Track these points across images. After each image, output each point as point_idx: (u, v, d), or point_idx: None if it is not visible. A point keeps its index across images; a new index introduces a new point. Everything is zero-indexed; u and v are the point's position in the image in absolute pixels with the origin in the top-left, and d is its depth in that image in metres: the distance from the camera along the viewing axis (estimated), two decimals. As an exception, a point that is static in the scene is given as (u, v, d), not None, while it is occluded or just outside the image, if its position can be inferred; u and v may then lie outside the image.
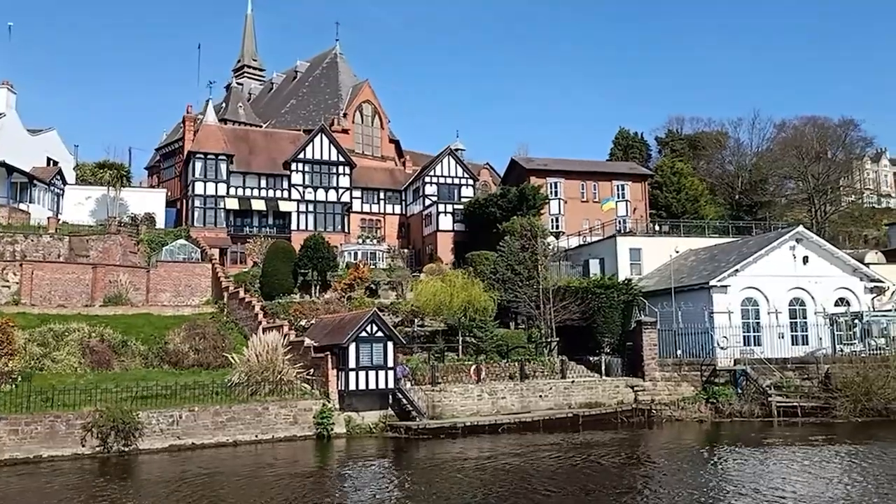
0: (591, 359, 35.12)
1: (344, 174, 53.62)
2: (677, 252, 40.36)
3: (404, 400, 28.42)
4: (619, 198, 57.96)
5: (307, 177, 52.52)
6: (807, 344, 35.94)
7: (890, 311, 35.64)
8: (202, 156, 50.21)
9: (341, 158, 53.46)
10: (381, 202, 57.46)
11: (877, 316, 34.88)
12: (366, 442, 26.71)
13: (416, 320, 38.63)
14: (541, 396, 31.69)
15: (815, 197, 63.46)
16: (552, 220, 56.36)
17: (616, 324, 35.69)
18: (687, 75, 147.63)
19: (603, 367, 33.93)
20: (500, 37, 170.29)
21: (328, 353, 28.13)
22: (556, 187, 57.00)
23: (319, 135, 53.00)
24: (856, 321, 34.17)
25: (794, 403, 31.18)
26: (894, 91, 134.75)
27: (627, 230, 51.96)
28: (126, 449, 23.54)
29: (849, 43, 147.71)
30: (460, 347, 35.24)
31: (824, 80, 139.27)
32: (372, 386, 27.84)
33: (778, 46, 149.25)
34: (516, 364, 33.05)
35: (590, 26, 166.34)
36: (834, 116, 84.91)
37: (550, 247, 46.39)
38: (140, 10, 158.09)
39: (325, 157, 53.00)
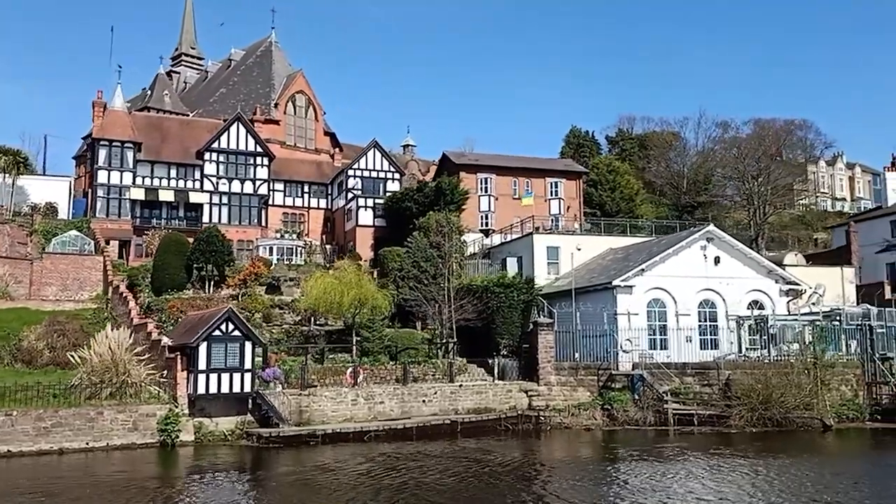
0: (490, 361, 33.23)
1: (262, 165, 51.27)
2: (579, 250, 38.68)
3: (265, 405, 26.23)
4: (552, 195, 56.34)
5: (221, 167, 50.11)
6: (717, 348, 34.27)
7: (797, 315, 33.97)
8: (107, 143, 47.59)
9: (259, 149, 51.12)
10: (306, 196, 55.22)
11: (785, 320, 33.18)
12: (215, 450, 24.43)
13: (312, 319, 36.53)
14: (424, 401, 29.66)
15: (754, 197, 62.09)
16: (482, 216, 54.54)
17: (515, 325, 33.82)
18: (640, 74, 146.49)
19: (496, 370, 32.06)
20: (458, 33, 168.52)
21: (179, 353, 25.86)
22: (486, 183, 55.10)
23: (236, 123, 50.62)
24: (761, 325, 32.46)
25: (691, 411, 29.47)
26: (856, 96, 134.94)
27: (553, 228, 50.41)
28: (-75, 458, 21.16)
29: (815, 49, 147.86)
30: (354, 348, 33.20)
31: (789, 84, 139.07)
32: (226, 389, 25.60)
33: (744, 49, 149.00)
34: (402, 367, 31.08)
35: (546, 21, 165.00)
36: (795, 119, 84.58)
37: (466, 244, 44.69)
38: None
39: (242, 147, 50.61)
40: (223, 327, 25.58)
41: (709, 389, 30.37)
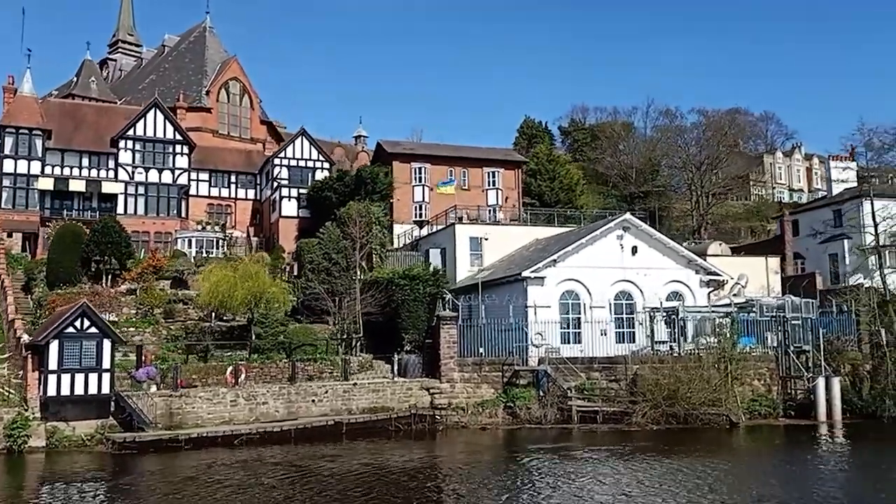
0: (394, 357, 31.61)
1: (182, 154, 49.05)
2: (486, 239, 37.12)
3: (128, 408, 24.34)
4: (490, 185, 54.71)
5: (138, 156, 47.81)
6: (633, 342, 32.88)
7: (709, 307, 32.65)
8: (13, 130, 45.12)
9: (178, 136, 48.89)
10: (233, 186, 53.14)
11: (698, 311, 31.80)
12: (70, 457, 22.52)
13: (214, 314, 34.61)
14: (314, 401, 27.86)
15: (695, 188, 61.02)
16: (416, 207, 52.71)
17: (421, 319, 32.26)
18: (597, 64, 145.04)
19: (396, 367, 30.41)
20: (411, 22, 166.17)
21: (32, 352, 23.89)
22: (421, 173, 53.20)
23: (153, 110, 48.34)
24: (672, 317, 31.06)
25: (595, 408, 28.05)
26: (820, 88, 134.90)
27: (488, 217, 48.92)
28: None
29: (781, 41, 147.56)
30: (250, 345, 31.42)
31: (760, 75, 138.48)
32: (81, 391, 23.69)
33: (708, 38, 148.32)
34: (299, 364, 29.35)
35: (501, 9, 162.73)
36: (757, 110, 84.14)
37: (387, 235, 43.11)
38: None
39: (160, 135, 48.35)
40: (77, 324, 23.63)
41: (616, 385, 28.96)
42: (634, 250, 33.71)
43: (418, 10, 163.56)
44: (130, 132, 47.57)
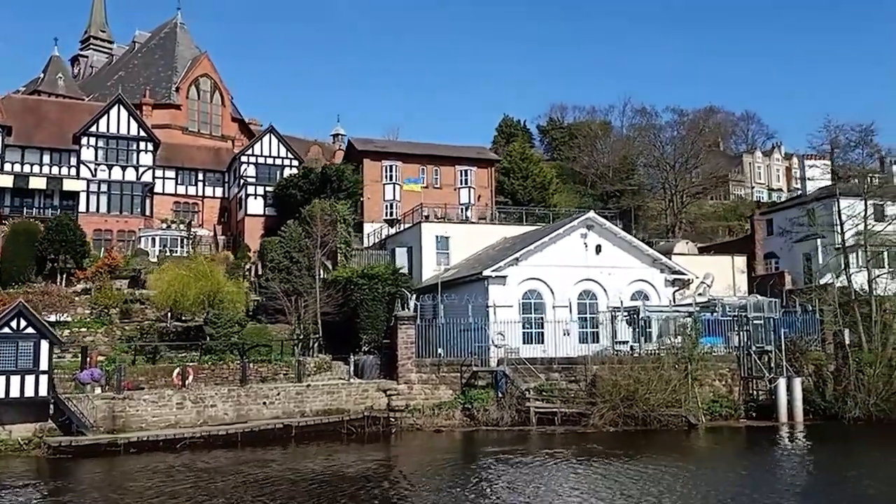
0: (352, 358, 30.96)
1: (146, 151, 48.18)
2: (447, 237, 36.58)
3: (67, 411, 23.56)
4: (462, 184, 54.12)
5: (101, 153, 46.90)
6: (597, 342, 32.36)
7: (671, 306, 32.24)
8: (-30, 126, 44.20)
9: (143, 133, 48.02)
10: (201, 184, 52.32)
11: (660, 311, 31.37)
12: (3, 462, 21.75)
13: (170, 314, 33.86)
14: (265, 403, 27.15)
15: (669, 187, 60.73)
16: (387, 206, 52.05)
17: (380, 319, 31.71)
18: (574, 63, 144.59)
19: (351, 368, 29.76)
20: (392, 19, 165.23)
21: (-36, 353, 23.07)
22: (392, 171, 52.53)
23: (117, 106, 47.47)
24: (633, 317, 30.58)
25: (553, 409, 27.55)
26: (792, 85, 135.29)
27: (459, 216, 48.37)
28: None
29: (762, 39, 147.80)
30: (204, 346, 30.66)
31: (732, 73, 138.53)
32: (17, 394, 22.86)
33: (693, 38, 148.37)
34: (251, 366, 28.66)
35: (480, 7, 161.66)
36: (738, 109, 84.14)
37: (353, 234, 42.41)
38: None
39: (123, 132, 47.45)
40: (14, 324, 22.82)
41: (575, 386, 28.46)
42: (598, 249, 33.22)
43: (407, 9, 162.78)
44: (93, 129, 46.69)
